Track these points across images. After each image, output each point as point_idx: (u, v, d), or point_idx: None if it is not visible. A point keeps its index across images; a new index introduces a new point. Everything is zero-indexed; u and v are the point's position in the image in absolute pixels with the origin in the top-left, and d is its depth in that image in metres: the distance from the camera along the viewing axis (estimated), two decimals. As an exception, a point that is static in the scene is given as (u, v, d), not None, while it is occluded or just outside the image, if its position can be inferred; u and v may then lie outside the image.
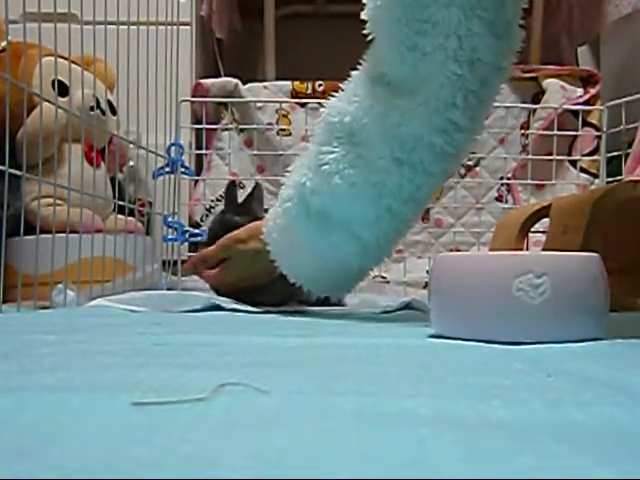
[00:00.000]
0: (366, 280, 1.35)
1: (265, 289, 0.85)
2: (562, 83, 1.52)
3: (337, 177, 0.67)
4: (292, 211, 0.71)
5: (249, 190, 0.96)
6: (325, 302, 0.89)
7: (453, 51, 0.61)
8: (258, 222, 0.81)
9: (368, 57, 0.68)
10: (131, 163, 1.32)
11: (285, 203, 0.72)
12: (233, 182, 0.97)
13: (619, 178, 1.20)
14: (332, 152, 0.67)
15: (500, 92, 0.68)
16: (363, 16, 0.66)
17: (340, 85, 0.71)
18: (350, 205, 0.68)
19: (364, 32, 0.67)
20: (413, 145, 0.64)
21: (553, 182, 1.38)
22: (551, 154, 1.31)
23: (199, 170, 1.47)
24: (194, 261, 0.88)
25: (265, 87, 1.55)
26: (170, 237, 1.16)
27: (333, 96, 0.72)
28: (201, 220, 1.46)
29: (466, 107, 0.63)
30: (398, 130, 0.64)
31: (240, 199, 0.95)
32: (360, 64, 0.70)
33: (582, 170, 1.43)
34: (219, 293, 0.88)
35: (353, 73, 0.69)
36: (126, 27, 1.11)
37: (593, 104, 1.47)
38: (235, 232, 0.83)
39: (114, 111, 1.29)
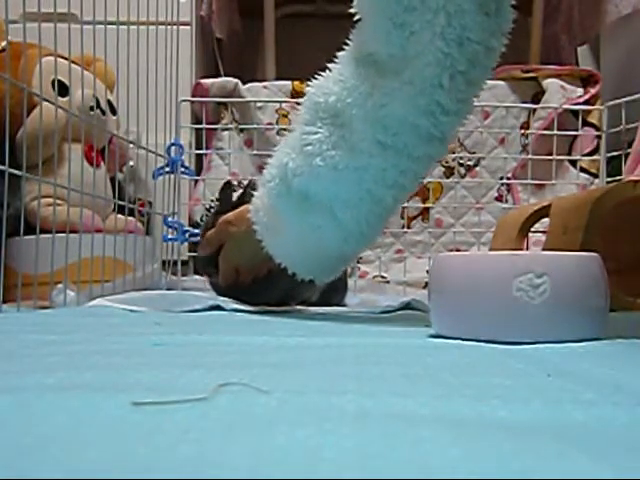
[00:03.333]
0: (366, 280, 1.36)
1: (265, 287, 0.85)
2: (562, 83, 1.52)
3: (319, 159, 0.65)
4: (274, 191, 0.70)
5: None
6: (325, 302, 0.89)
7: (441, 28, 0.58)
8: (247, 205, 0.78)
9: (354, 37, 0.66)
10: (131, 163, 1.32)
11: (268, 183, 0.71)
12: (228, 182, 0.95)
13: (619, 178, 1.20)
14: (316, 133, 0.66)
15: (490, 75, 0.65)
16: None
17: None
18: (331, 187, 0.66)
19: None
20: (397, 128, 0.62)
21: (553, 182, 1.38)
22: (551, 154, 1.31)
23: (199, 170, 1.47)
24: (202, 244, 0.85)
25: (265, 87, 1.55)
26: (170, 237, 1.16)
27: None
28: (201, 220, 1.46)
29: (453, 88, 0.61)
30: (381, 111, 0.62)
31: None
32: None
33: (582, 170, 1.43)
34: (219, 293, 0.88)
35: (340, 54, 0.67)
36: (126, 27, 1.11)
37: (593, 104, 1.47)
38: (227, 215, 0.81)
39: (114, 111, 1.29)
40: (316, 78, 0.69)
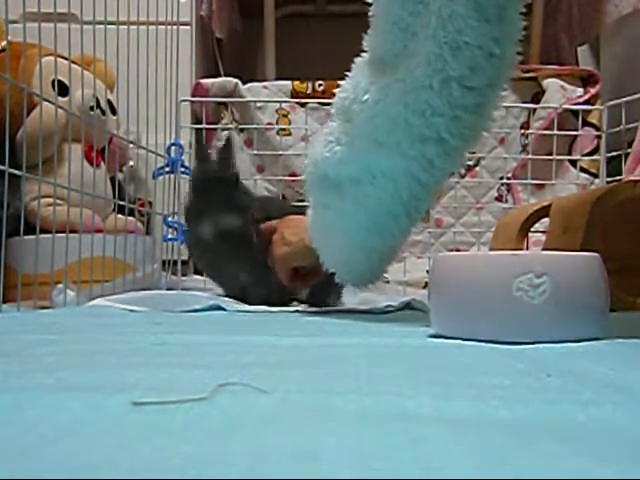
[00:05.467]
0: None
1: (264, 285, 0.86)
2: (562, 83, 1.52)
3: (326, 150, 0.69)
4: (309, 177, 0.73)
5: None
6: (316, 301, 0.89)
7: (433, 30, 0.58)
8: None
9: (366, 40, 0.68)
10: (131, 163, 1.32)
11: (307, 168, 0.75)
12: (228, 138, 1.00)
13: (619, 178, 1.20)
14: (329, 127, 0.70)
15: (502, 85, 0.64)
16: None
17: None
18: (338, 174, 0.69)
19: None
20: (390, 125, 0.63)
21: (553, 182, 1.38)
22: (551, 154, 1.31)
23: (199, 170, 1.47)
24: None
25: (265, 87, 1.55)
26: (170, 237, 1.16)
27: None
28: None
29: (444, 91, 0.60)
30: (376, 108, 0.63)
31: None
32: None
33: (582, 170, 1.43)
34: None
35: (357, 59, 0.69)
36: (126, 27, 1.11)
37: (593, 104, 1.47)
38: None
39: (114, 111, 1.29)
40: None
